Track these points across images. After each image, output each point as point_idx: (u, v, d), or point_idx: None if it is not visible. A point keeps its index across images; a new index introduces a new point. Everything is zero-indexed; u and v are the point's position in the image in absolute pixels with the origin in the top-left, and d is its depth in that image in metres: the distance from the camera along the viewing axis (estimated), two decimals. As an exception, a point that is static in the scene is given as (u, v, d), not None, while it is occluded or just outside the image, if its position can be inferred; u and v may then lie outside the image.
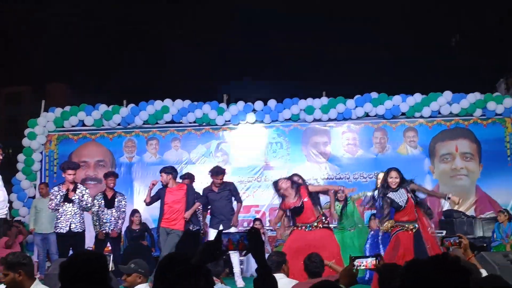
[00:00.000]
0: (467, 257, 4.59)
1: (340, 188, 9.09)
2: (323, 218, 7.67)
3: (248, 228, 11.47)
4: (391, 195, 7.46)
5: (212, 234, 8.98)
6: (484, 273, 4.41)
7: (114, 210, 9.35)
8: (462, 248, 4.56)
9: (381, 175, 8.73)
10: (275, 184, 7.91)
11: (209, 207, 9.30)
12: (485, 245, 10.71)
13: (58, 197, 8.58)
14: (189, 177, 10.07)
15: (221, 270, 5.78)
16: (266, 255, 4.14)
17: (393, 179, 7.50)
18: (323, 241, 7.42)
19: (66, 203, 8.61)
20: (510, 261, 7.07)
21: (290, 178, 7.86)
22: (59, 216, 8.64)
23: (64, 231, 8.58)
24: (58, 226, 8.65)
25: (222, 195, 9.09)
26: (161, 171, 9.07)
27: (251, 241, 2.64)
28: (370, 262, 3.82)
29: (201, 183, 11.57)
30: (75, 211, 8.65)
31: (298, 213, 7.70)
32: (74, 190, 8.67)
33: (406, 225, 7.40)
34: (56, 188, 8.76)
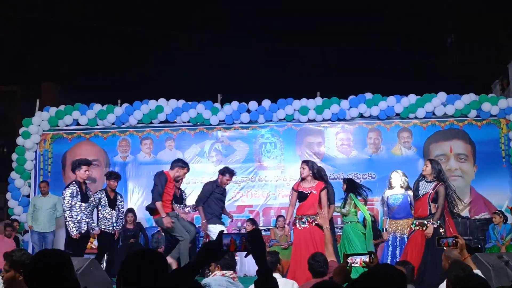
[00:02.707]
0: (462, 257, 4.59)
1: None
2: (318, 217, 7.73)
3: (241, 228, 11.54)
4: (421, 183, 7.66)
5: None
6: (479, 273, 4.40)
7: (115, 210, 9.32)
8: (458, 249, 4.56)
9: (393, 175, 8.81)
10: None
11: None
12: (479, 246, 10.72)
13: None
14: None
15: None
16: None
17: (424, 167, 7.88)
18: (319, 238, 7.51)
19: (82, 203, 8.74)
20: (504, 262, 7.06)
21: (312, 167, 8.09)
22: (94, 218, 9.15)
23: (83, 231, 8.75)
24: (93, 228, 8.92)
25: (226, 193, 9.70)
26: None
27: (253, 242, 2.63)
28: (364, 259, 3.80)
29: (195, 183, 11.66)
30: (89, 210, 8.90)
31: (301, 200, 7.87)
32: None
33: (422, 221, 7.52)
34: (98, 195, 9.14)
